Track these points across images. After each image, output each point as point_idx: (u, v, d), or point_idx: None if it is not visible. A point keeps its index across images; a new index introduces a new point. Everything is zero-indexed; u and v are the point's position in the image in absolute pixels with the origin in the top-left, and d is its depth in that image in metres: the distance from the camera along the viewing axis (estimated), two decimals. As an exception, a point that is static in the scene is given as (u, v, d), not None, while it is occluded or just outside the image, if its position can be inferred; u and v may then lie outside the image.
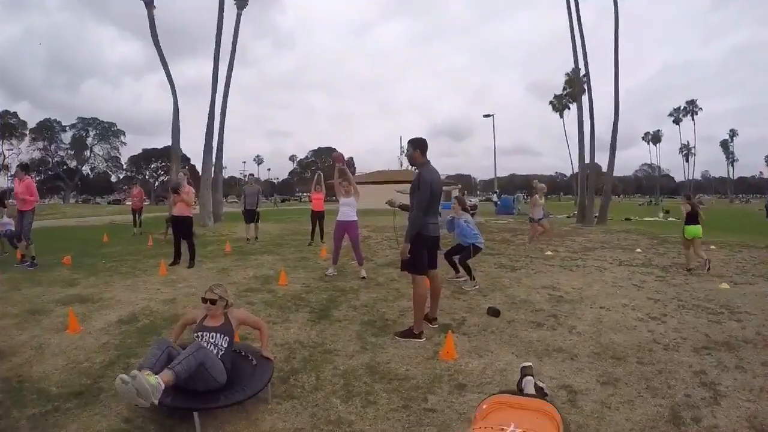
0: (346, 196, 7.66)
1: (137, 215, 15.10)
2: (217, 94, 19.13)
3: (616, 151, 22.64)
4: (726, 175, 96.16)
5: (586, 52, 22.43)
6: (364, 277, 7.26)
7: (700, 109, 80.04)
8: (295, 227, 16.24)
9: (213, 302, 3.53)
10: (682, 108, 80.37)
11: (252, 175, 15.90)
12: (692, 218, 9.03)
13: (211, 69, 19.08)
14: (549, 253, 10.79)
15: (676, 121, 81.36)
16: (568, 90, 58.43)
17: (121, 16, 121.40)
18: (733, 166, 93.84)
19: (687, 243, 9.14)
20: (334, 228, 7.71)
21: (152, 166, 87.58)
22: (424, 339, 4.69)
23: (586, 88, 23.23)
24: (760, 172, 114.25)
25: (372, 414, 3.31)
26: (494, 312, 5.68)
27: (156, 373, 2.84)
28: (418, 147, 4.79)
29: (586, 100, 22.70)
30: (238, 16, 20.17)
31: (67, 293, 6.26)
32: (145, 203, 17.62)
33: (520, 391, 3.05)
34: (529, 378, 3.20)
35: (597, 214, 22.15)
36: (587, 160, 23.05)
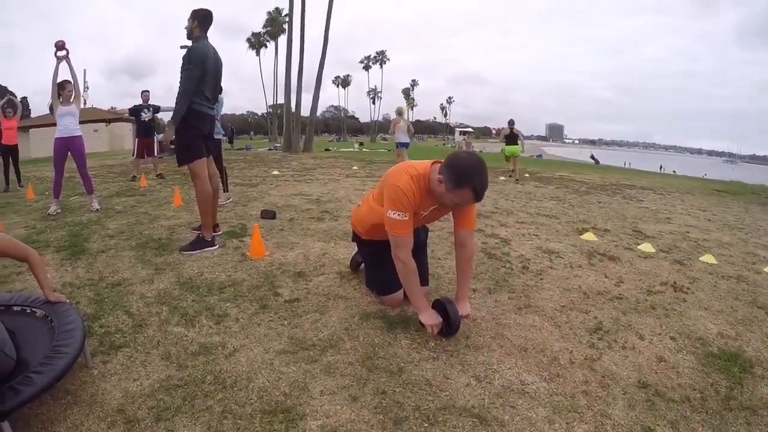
0: (65, 104, 5.42)
1: None
2: None
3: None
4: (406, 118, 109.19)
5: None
6: (98, 209, 5.50)
7: (389, 59, 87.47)
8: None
9: None
10: (372, 57, 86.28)
11: None
12: (512, 140, 11.56)
13: None
14: (276, 172, 10.40)
15: (366, 68, 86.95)
16: (268, 28, 56.82)
17: None
18: (413, 110, 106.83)
19: (507, 159, 11.40)
20: (54, 148, 5.43)
21: None
22: (218, 246, 3.88)
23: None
24: (434, 117, 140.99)
25: (236, 327, 2.49)
26: (270, 214, 5.16)
27: None
28: (197, 19, 3.78)
29: (297, 39, 22.51)
30: None
31: None
32: None
33: None
34: None
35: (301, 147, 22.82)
36: (293, 99, 23.33)
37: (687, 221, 6.30)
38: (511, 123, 12.17)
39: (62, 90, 5.41)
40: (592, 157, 34.13)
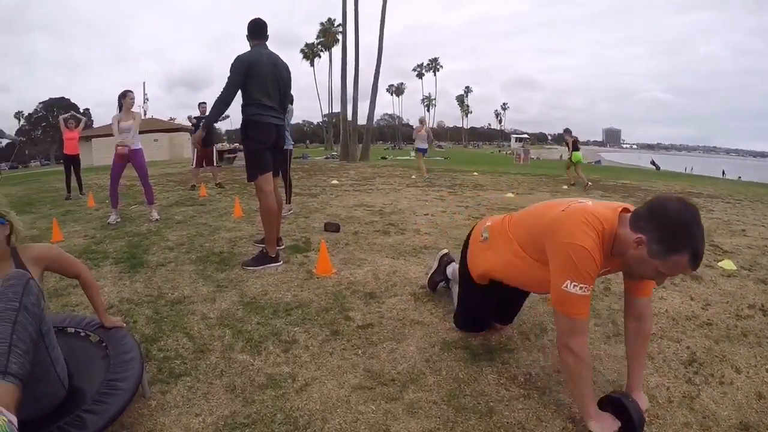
0: (125, 120, 5.52)
1: None
2: None
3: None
4: (460, 125, 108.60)
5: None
6: (157, 219, 5.54)
7: (442, 66, 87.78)
8: (41, 186, 11.57)
9: None
10: (425, 64, 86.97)
11: None
12: (575, 147, 11.36)
13: None
14: (335, 182, 10.36)
15: (420, 75, 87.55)
16: (321, 39, 58.49)
17: None
18: (467, 117, 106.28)
19: (570, 165, 11.26)
20: (113, 160, 5.65)
21: None
22: (282, 262, 3.71)
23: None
24: (489, 124, 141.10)
25: (306, 356, 2.26)
26: (334, 227, 4.97)
27: None
28: (247, 29, 3.72)
29: (352, 48, 22.80)
30: None
31: None
32: None
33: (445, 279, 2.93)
34: (453, 264, 2.86)
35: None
36: (349, 109, 23.53)
37: (763, 233, 5.66)
38: (570, 132, 11.79)
39: (123, 98, 5.51)
40: (653, 162, 32.50)
